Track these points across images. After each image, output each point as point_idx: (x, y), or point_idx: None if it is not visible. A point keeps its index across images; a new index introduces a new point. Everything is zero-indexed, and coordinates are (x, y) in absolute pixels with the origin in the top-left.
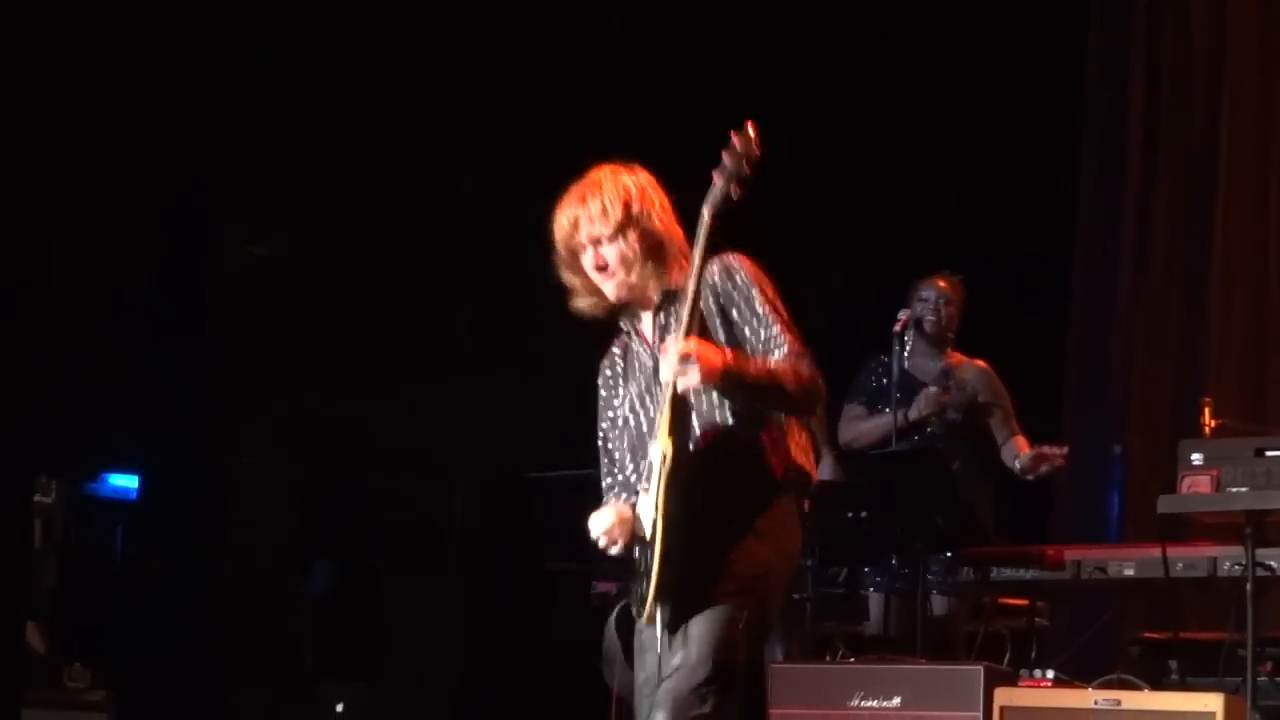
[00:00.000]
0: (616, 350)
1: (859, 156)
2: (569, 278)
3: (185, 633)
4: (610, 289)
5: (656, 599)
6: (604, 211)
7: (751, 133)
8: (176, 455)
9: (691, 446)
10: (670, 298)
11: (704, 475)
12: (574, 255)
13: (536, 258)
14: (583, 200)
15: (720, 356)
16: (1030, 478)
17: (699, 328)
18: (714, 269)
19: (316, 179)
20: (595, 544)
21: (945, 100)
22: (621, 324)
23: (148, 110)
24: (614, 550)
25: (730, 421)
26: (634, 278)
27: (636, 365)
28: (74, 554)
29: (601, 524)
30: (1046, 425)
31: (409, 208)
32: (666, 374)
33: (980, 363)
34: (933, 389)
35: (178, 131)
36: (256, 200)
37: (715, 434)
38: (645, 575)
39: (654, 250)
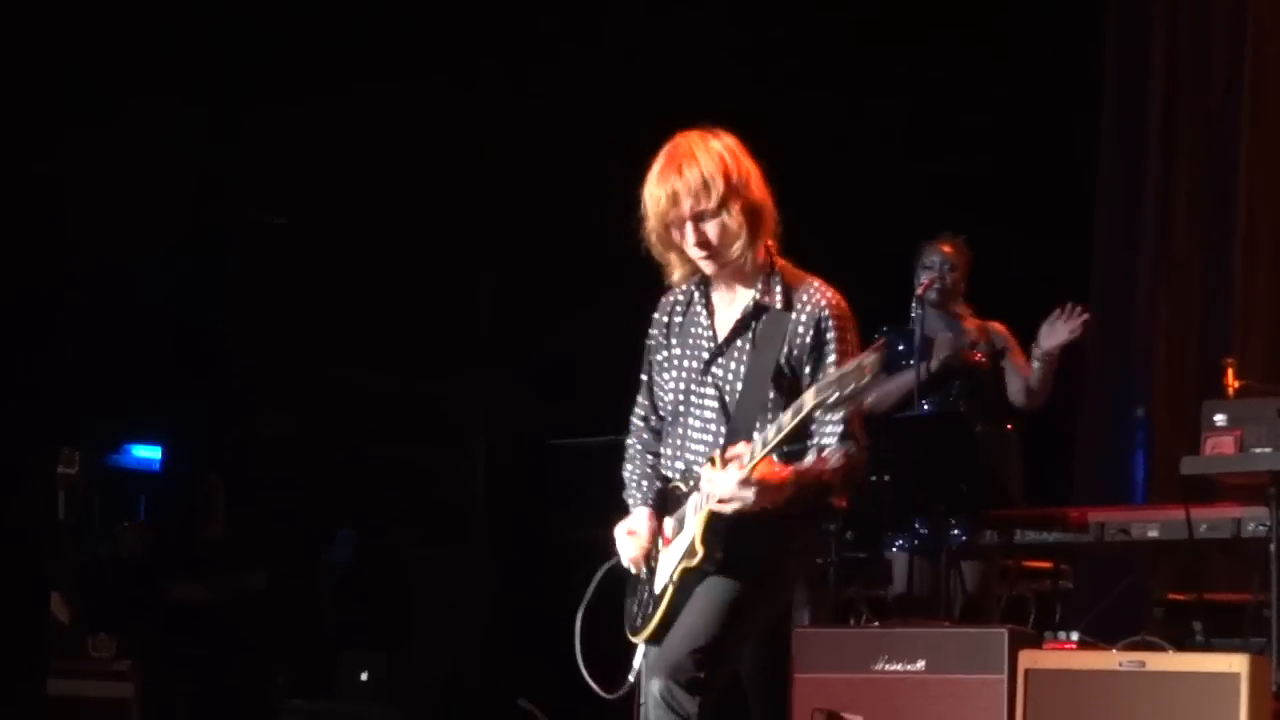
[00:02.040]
0: (680, 298)
1: (878, 125)
2: (662, 251)
3: (208, 604)
4: (709, 266)
5: (652, 636)
6: (705, 185)
7: (881, 360)
8: (199, 427)
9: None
10: (759, 311)
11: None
12: (668, 229)
13: (558, 225)
14: (679, 171)
15: (779, 481)
16: (1052, 350)
17: (771, 375)
18: (803, 312)
19: (337, 149)
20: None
21: (966, 72)
22: (691, 285)
23: (171, 81)
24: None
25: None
26: (735, 251)
27: (692, 333)
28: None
29: (632, 550)
30: (1071, 388)
31: (432, 177)
32: (720, 491)
33: (997, 325)
34: (947, 334)
35: (199, 102)
36: (277, 171)
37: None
38: (643, 609)
39: (754, 220)
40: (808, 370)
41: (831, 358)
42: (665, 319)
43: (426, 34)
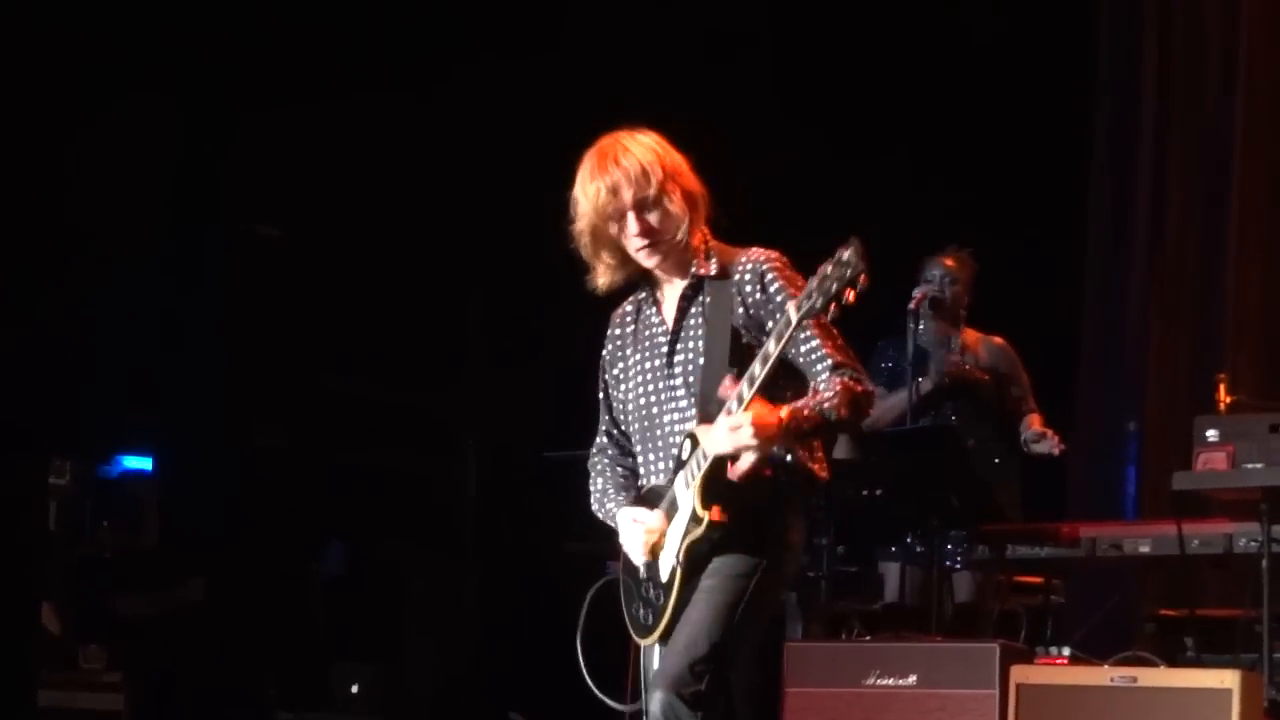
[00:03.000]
0: (630, 309)
1: (871, 136)
2: (593, 251)
3: (199, 614)
4: (649, 257)
5: (662, 636)
6: (644, 173)
7: (860, 252)
8: (190, 437)
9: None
10: (699, 286)
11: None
12: (607, 224)
13: (550, 234)
14: (616, 163)
15: (775, 419)
16: (1030, 450)
17: (729, 344)
18: (744, 272)
19: (328, 159)
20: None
21: (959, 80)
22: (639, 295)
23: (160, 91)
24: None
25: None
26: (679, 237)
27: (647, 335)
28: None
29: (641, 538)
30: (1062, 403)
31: (423, 187)
32: (717, 447)
33: (997, 339)
34: (941, 352)
35: (190, 112)
36: (268, 181)
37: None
38: (650, 607)
39: (692, 205)
40: (771, 324)
41: (780, 297)
42: (618, 332)
43: (418, 42)
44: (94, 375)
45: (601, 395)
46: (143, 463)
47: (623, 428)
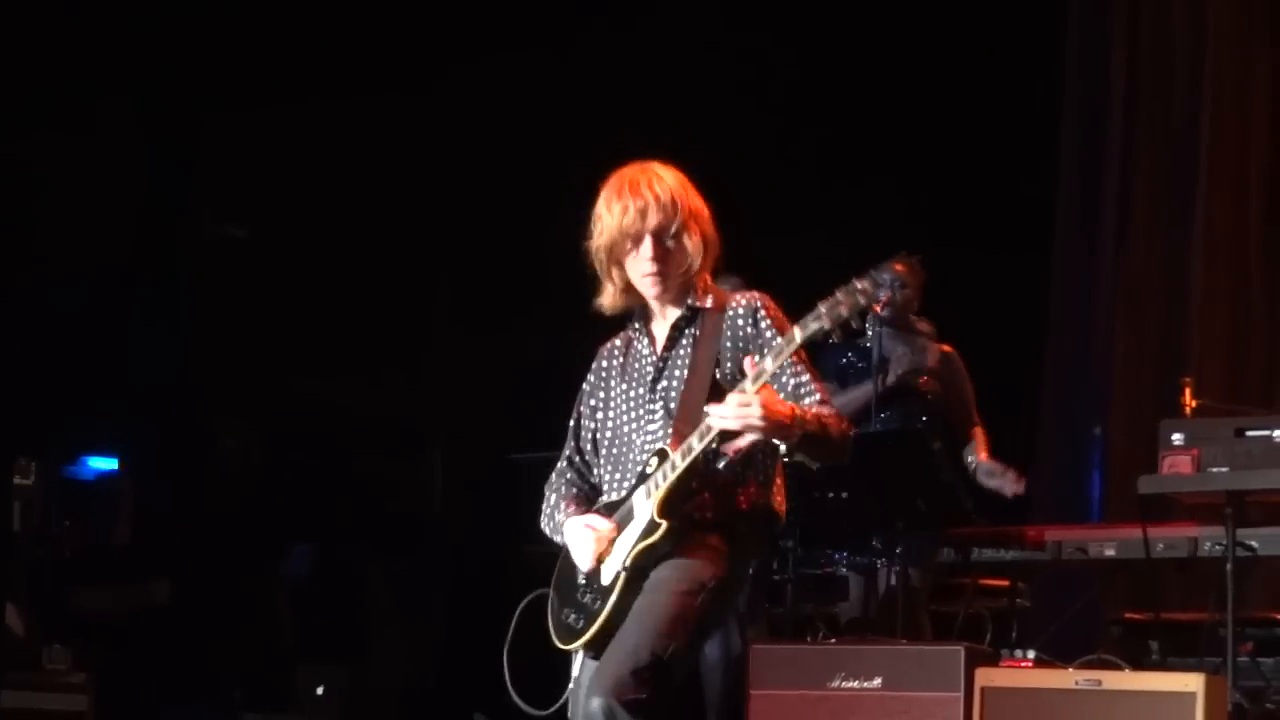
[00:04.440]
0: (619, 343)
1: (836, 141)
2: (606, 270)
3: (165, 616)
4: (654, 286)
5: (590, 642)
6: (674, 202)
7: (874, 283)
8: (155, 438)
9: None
10: (694, 316)
11: (684, 522)
12: (623, 244)
13: (515, 237)
14: (648, 188)
15: (786, 406)
16: (981, 483)
17: (712, 373)
18: (737, 309)
19: (295, 160)
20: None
21: (925, 85)
22: (633, 320)
23: (126, 91)
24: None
25: (723, 473)
26: (683, 274)
27: (635, 367)
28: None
29: (591, 544)
30: (1027, 407)
31: (388, 188)
32: (724, 422)
33: (945, 348)
34: (901, 350)
35: (156, 113)
36: (235, 182)
37: (711, 489)
38: (582, 611)
39: (707, 247)
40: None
41: (770, 334)
42: (605, 365)
43: (389, 45)
44: (60, 376)
45: (573, 423)
46: (109, 463)
47: (586, 456)
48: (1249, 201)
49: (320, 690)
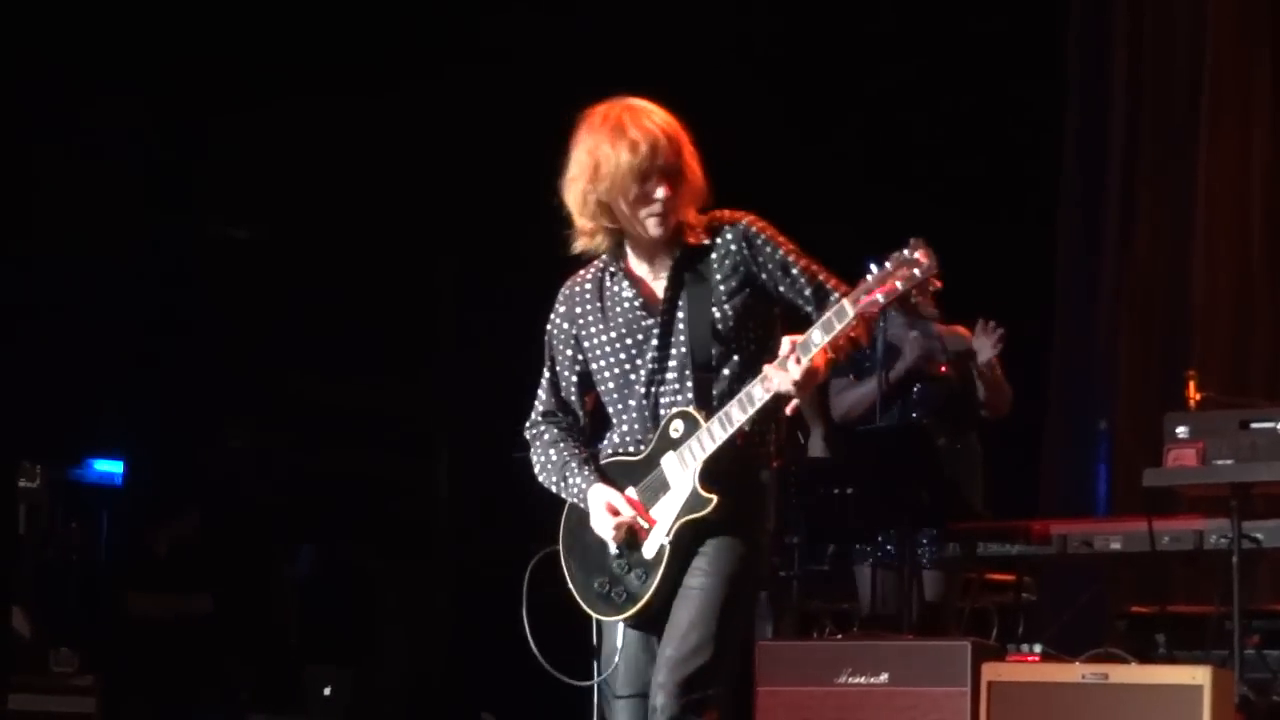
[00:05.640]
0: (588, 285)
1: (838, 130)
2: (595, 212)
3: (171, 618)
4: (659, 224)
5: (637, 615)
6: (674, 135)
7: (931, 254)
8: (161, 441)
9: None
10: (691, 256)
11: (726, 489)
12: (631, 185)
13: (521, 235)
14: (649, 122)
15: (823, 358)
16: (982, 366)
17: (721, 309)
18: (727, 239)
19: (299, 161)
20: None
21: (929, 78)
22: (597, 269)
23: (130, 93)
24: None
25: (747, 429)
26: (683, 209)
27: (618, 311)
28: (60, 539)
29: (612, 525)
30: (1033, 401)
31: (393, 187)
32: (785, 384)
33: (960, 329)
34: (914, 334)
35: (160, 114)
36: (239, 183)
37: (743, 450)
38: (621, 584)
39: (698, 183)
40: (764, 276)
41: (781, 252)
42: (579, 309)
43: (392, 45)
44: (64, 378)
45: (548, 373)
46: (114, 466)
47: (573, 408)
48: (1251, 194)
49: (327, 691)
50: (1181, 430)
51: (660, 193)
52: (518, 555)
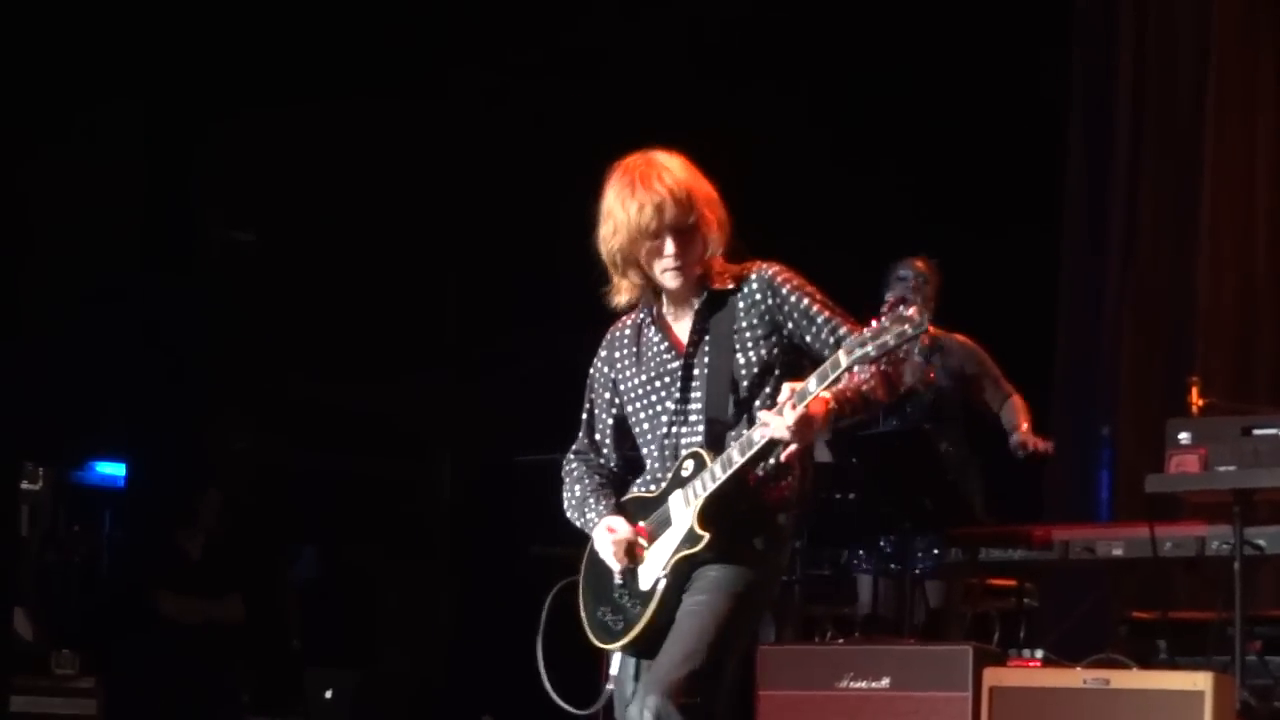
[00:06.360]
0: (629, 331)
1: (841, 138)
2: (622, 268)
3: (172, 620)
4: (675, 279)
5: (632, 644)
6: (687, 193)
7: (922, 317)
8: (163, 443)
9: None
10: (716, 302)
11: (725, 529)
12: (640, 241)
13: (524, 239)
14: (660, 182)
15: (822, 407)
16: (1019, 455)
17: (732, 360)
18: (753, 287)
19: (301, 164)
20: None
21: (932, 84)
22: (638, 315)
23: (131, 95)
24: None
25: (760, 471)
26: (701, 266)
27: (649, 356)
28: (62, 541)
29: (613, 547)
30: (1036, 407)
31: (396, 191)
32: (777, 431)
33: (959, 337)
34: (918, 359)
35: (162, 117)
36: (241, 186)
37: (752, 490)
38: (620, 613)
39: (721, 230)
40: (790, 326)
41: (805, 301)
42: (619, 354)
43: (394, 47)
44: (67, 381)
45: (585, 415)
46: (116, 468)
47: (604, 450)
48: (1255, 199)
49: (329, 693)
50: (1184, 436)
51: (669, 249)
52: (519, 558)
